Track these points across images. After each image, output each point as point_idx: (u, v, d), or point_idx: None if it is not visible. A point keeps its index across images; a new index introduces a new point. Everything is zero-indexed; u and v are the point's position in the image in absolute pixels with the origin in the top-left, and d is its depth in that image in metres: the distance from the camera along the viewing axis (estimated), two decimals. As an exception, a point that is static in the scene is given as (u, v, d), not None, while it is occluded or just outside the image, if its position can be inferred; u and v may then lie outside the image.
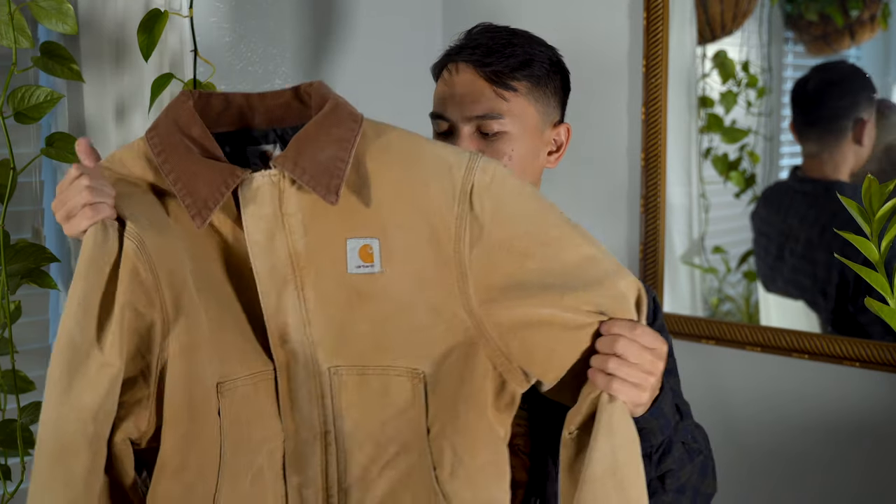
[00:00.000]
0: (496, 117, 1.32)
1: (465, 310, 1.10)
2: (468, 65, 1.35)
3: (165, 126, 1.10)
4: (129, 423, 1.06)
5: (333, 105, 1.11)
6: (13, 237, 1.52)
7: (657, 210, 1.99)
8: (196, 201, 1.06)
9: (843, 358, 1.76)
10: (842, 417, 1.79)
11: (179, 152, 1.08)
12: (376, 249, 1.11)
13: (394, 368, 1.12)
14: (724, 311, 2.00)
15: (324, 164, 1.07)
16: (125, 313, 1.02)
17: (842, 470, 1.80)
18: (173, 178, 1.07)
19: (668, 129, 1.98)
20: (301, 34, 2.03)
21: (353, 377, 1.12)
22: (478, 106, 1.33)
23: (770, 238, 1.92)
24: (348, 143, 1.09)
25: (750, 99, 1.94)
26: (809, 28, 1.85)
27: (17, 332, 1.53)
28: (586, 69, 2.09)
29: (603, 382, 1.08)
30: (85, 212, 1.04)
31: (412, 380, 1.11)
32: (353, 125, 1.10)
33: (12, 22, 1.40)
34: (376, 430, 1.13)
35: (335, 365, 1.11)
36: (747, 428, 1.94)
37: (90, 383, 1.01)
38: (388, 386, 1.12)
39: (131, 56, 1.60)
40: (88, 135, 1.58)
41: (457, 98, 1.34)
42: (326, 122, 1.09)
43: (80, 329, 1.01)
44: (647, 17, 1.97)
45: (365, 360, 1.12)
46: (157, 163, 1.08)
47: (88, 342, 1.01)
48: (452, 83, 1.36)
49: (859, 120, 1.78)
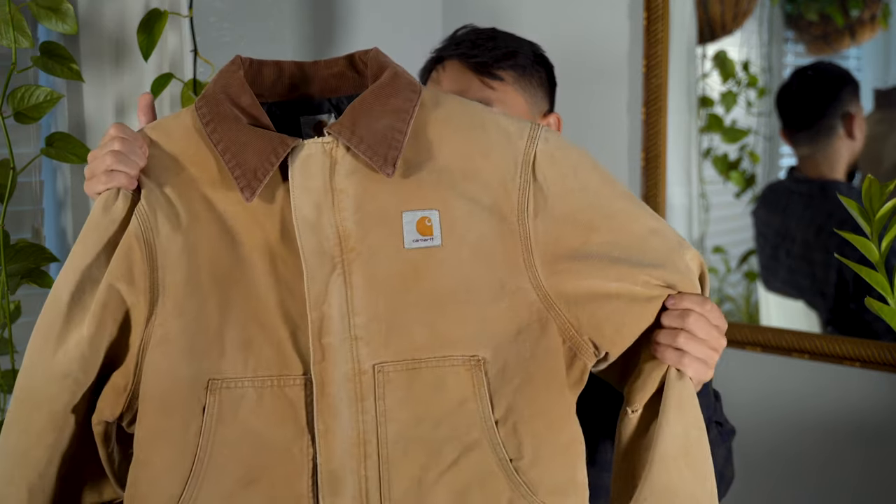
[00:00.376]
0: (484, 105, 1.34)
1: (531, 283, 1.05)
2: (454, 59, 1.38)
3: (214, 95, 1.05)
4: (104, 405, 1.04)
5: (392, 74, 1.07)
6: (13, 237, 1.52)
7: (657, 210, 1.99)
8: (245, 172, 1.01)
9: (843, 358, 1.76)
10: (842, 417, 1.79)
11: (228, 122, 1.03)
12: (436, 221, 1.05)
13: (450, 358, 1.03)
14: (724, 311, 2.00)
15: (381, 134, 1.02)
16: (109, 290, 1.01)
17: (841, 470, 1.80)
18: (222, 148, 1.02)
19: (668, 129, 1.98)
20: (301, 34, 2.03)
21: (403, 373, 1.03)
22: (466, 96, 1.34)
23: (768, 238, 1.92)
24: (407, 113, 1.04)
25: (750, 99, 1.94)
26: (809, 28, 1.85)
27: (17, 332, 1.53)
28: (586, 69, 2.09)
29: (673, 358, 1.05)
30: (100, 177, 1.02)
31: (472, 369, 1.03)
32: (413, 95, 1.06)
33: (12, 22, 1.40)
34: (428, 433, 1.03)
35: (381, 361, 1.02)
36: (747, 428, 1.93)
37: (62, 346, 1.01)
38: (443, 379, 1.03)
39: (131, 56, 1.60)
40: (88, 135, 1.58)
41: None
42: (384, 92, 1.05)
43: (66, 290, 1.01)
44: (647, 17, 1.97)
45: (417, 352, 1.03)
46: (206, 132, 1.04)
47: (68, 306, 1.01)
48: (440, 80, 1.38)
49: (847, 114, 1.78)
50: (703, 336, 1.06)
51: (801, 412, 1.84)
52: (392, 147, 1.02)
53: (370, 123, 1.02)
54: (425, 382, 1.03)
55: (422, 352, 1.03)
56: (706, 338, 1.06)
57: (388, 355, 1.02)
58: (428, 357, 1.03)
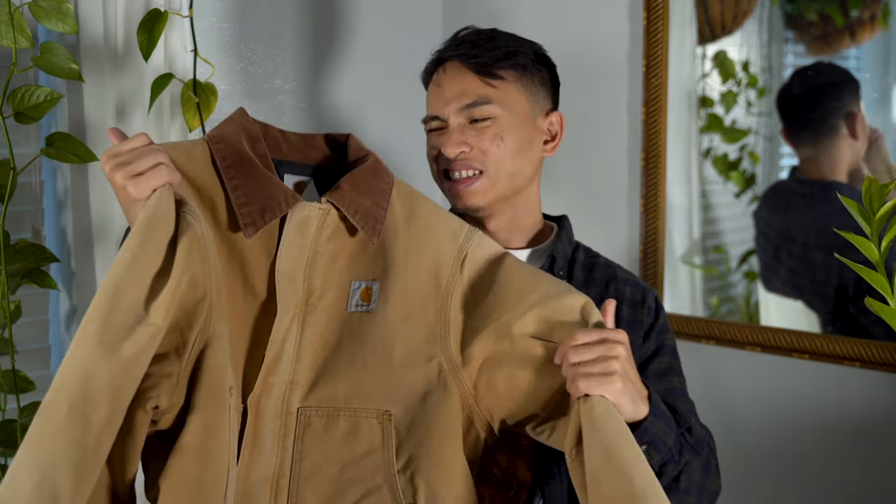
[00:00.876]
0: (484, 103, 1.36)
1: (444, 354, 1.20)
2: (454, 60, 1.39)
3: (233, 137, 1.18)
4: (153, 394, 1.06)
5: (374, 160, 1.25)
6: (13, 237, 1.52)
7: (657, 210, 1.99)
8: (252, 211, 1.13)
9: (843, 358, 1.76)
10: (842, 417, 1.79)
11: (245, 163, 1.16)
12: (376, 291, 1.21)
13: (365, 410, 1.17)
14: (724, 311, 2.00)
15: (368, 208, 1.19)
16: (183, 281, 1.04)
17: (841, 470, 1.80)
18: (234, 185, 1.14)
19: (668, 129, 1.98)
20: (301, 34, 2.03)
21: (322, 419, 1.16)
22: (466, 96, 1.36)
23: (769, 238, 1.92)
24: (386, 194, 1.23)
25: (750, 99, 1.94)
26: (809, 28, 1.85)
27: (17, 332, 1.53)
28: (586, 69, 2.09)
29: (572, 388, 1.12)
30: (160, 170, 1.08)
31: (382, 422, 1.17)
32: (390, 179, 1.25)
33: (12, 22, 1.40)
34: (335, 474, 1.15)
35: (306, 406, 1.16)
36: (747, 428, 1.93)
37: (129, 336, 0.99)
38: (357, 427, 1.16)
39: (131, 56, 1.60)
40: (88, 135, 1.58)
41: (446, 94, 1.38)
42: (369, 174, 1.23)
43: (129, 280, 1.01)
44: (647, 17, 1.97)
45: (338, 401, 1.17)
46: (221, 167, 1.15)
47: (135, 295, 1.01)
48: (441, 82, 1.39)
49: (850, 114, 1.78)
50: (588, 357, 1.11)
51: (801, 412, 1.84)
52: (378, 220, 1.20)
53: (360, 199, 1.19)
54: (341, 429, 1.16)
55: (342, 402, 1.17)
56: (591, 356, 1.11)
57: (312, 401, 1.16)
58: (346, 407, 1.17)
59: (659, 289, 2.01)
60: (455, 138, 1.36)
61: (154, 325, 1.01)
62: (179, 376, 1.08)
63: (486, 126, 1.36)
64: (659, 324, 1.41)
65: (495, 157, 1.36)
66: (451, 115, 1.37)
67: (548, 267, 1.40)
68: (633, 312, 1.40)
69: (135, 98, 1.61)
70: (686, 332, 1.98)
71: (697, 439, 1.30)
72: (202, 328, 1.08)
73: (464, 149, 1.36)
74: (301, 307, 1.16)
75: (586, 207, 2.10)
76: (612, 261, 1.47)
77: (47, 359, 1.67)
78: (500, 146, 1.36)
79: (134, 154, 1.08)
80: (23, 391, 1.52)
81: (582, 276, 1.41)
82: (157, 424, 1.09)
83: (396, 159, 2.24)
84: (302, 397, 1.16)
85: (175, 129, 1.67)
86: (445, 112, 1.37)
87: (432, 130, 1.41)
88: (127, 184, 1.07)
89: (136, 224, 1.04)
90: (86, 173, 1.59)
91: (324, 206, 1.18)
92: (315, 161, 1.28)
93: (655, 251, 2.00)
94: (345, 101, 2.11)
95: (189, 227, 1.06)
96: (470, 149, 1.36)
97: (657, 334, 1.41)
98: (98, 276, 1.61)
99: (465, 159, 1.37)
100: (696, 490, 1.29)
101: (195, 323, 1.08)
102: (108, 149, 1.11)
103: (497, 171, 1.37)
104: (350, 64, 2.11)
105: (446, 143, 1.37)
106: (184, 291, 1.05)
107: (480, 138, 1.36)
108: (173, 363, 1.07)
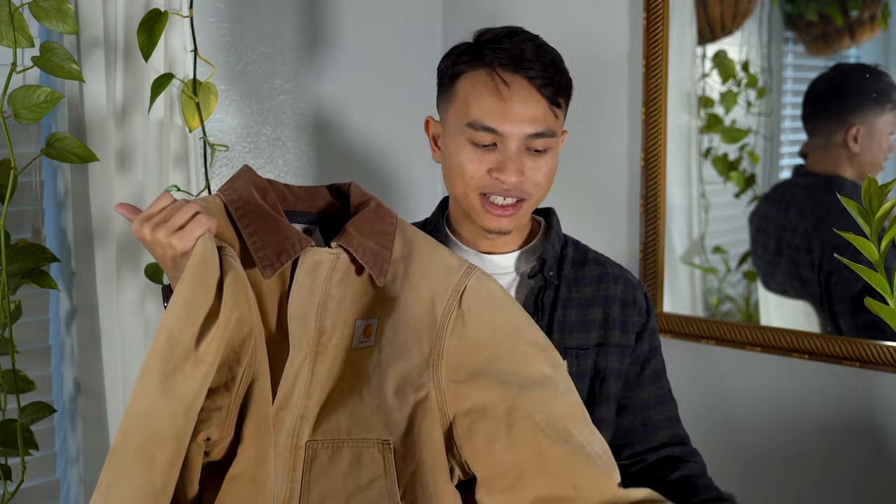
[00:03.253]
0: (551, 136, 1.34)
1: (434, 384, 1.24)
2: (523, 80, 1.31)
3: (244, 189, 1.25)
4: (206, 427, 1.12)
5: (377, 203, 1.30)
6: (13, 237, 1.52)
7: (657, 210, 1.99)
8: (269, 254, 1.19)
9: (843, 358, 1.76)
10: (842, 417, 1.79)
11: (258, 210, 1.22)
12: (375, 327, 1.25)
13: (366, 440, 1.22)
14: (724, 311, 2.00)
15: (375, 250, 1.25)
16: (232, 319, 1.10)
17: (841, 470, 1.80)
18: (250, 231, 1.21)
19: (668, 129, 1.98)
20: (301, 34, 2.03)
21: (328, 450, 1.21)
22: (537, 124, 1.32)
23: (769, 234, 1.92)
24: (390, 235, 1.28)
25: (750, 99, 1.94)
26: (809, 28, 1.85)
27: (17, 332, 1.53)
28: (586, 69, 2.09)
29: None
30: (200, 218, 1.12)
31: (383, 450, 1.22)
32: (392, 220, 1.30)
33: (12, 22, 1.40)
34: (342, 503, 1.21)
35: (313, 439, 1.21)
36: (747, 428, 1.94)
37: (186, 377, 1.07)
38: (360, 457, 1.21)
39: (131, 56, 1.60)
40: (88, 135, 1.58)
41: (514, 113, 1.31)
42: (372, 217, 1.28)
43: (181, 326, 1.07)
44: (647, 17, 1.97)
45: (341, 433, 1.22)
46: (236, 216, 1.22)
47: (188, 337, 1.08)
48: (510, 98, 1.31)
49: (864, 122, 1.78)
50: None
51: (801, 412, 1.84)
52: (385, 261, 1.26)
53: (366, 241, 1.25)
54: (345, 459, 1.21)
55: (345, 433, 1.22)
56: None
57: (319, 434, 1.22)
58: (349, 438, 1.22)
59: (659, 289, 2.01)
60: (517, 165, 1.31)
61: (206, 363, 1.08)
62: (230, 409, 1.14)
63: (544, 157, 1.34)
64: (651, 324, 1.42)
65: (543, 189, 1.36)
66: (514, 138, 1.31)
67: (538, 270, 1.39)
68: (625, 313, 1.40)
69: (135, 98, 1.61)
70: (686, 332, 1.98)
71: None
72: (249, 363, 1.14)
73: (522, 178, 1.32)
74: (313, 346, 1.22)
75: (586, 207, 2.10)
76: (602, 255, 1.46)
77: (47, 359, 1.67)
78: (550, 180, 1.36)
79: (168, 211, 1.12)
80: (23, 391, 1.52)
81: (571, 275, 1.41)
82: (209, 455, 1.15)
83: (397, 159, 2.24)
84: (310, 431, 1.21)
85: (175, 129, 1.67)
86: (510, 132, 1.31)
87: (481, 144, 1.33)
88: (171, 239, 1.10)
89: (186, 270, 1.09)
90: (86, 173, 1.59)
91: (335, 251, 1.23)
92: (320, 210, 1.33)
93: (655, 251, 2.00)
94: (345, 102, 2.11)
95: (231, 268, 1.12)
96: (525, 179, 1.33)
97: (650, 335, 1.41)
98: (98, 276, 1.61)
99: (517, 187, 1.33)
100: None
101: (243, 358, 1.13)
102: (137, 217, 1.13)
103: (536, 202, 1.37)
104: (350, 64, 2.11)
105: (506, 168, 1.31)
106: (232, 329, 1.10)
107: (537, 170, 1.33)
108: (223, 397, 1.13)
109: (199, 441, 1.12)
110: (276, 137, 2.00)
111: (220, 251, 1.13)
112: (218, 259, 1.12)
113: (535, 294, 1.38)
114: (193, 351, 1.07)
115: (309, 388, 1.21)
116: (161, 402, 1.06)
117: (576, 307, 1.39)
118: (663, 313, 2.01)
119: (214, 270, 1.11)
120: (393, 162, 2.20)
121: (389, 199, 2.19)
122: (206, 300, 1.09)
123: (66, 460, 1.69)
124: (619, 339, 1.38)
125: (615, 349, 1.38)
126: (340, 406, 1.22)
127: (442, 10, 2.28)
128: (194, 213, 1.12)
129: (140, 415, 1.07)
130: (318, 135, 2.08)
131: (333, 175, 2.10)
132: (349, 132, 2.13)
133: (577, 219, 1.75)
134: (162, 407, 1.06)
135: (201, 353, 1.07)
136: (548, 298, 1.38)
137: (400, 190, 2.21)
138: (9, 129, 1.45)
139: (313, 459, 1.21)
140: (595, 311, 1.39)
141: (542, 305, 1.38)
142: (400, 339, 1.25)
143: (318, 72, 2.06)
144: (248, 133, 1.96)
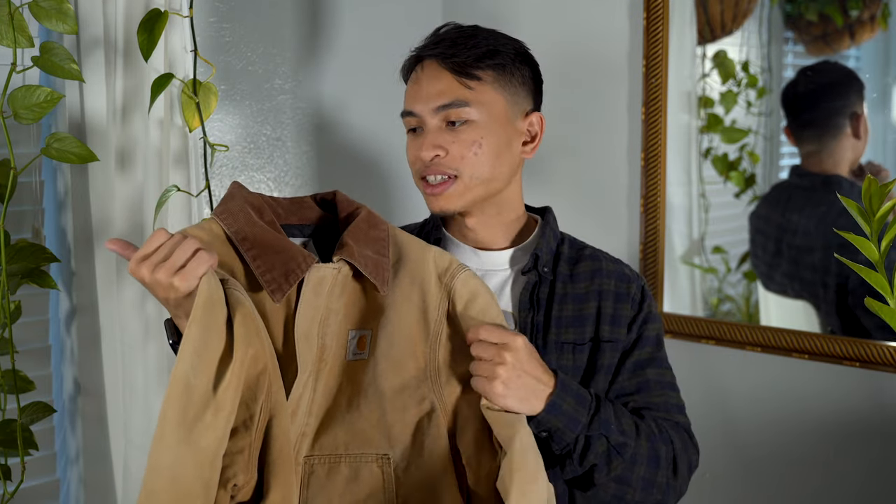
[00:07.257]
0: (461, 105, 1.34)
1: (434, 394, 1.24)
2: (433, 59, 1.37)
3: (239, 210, 1.21)
4: (230, 473, 1.09)
5: (367, 212, 1.28)
6: (13, 237, 1.52)
7: (657, 210, 1.99)
8: (276, 276, 1.15)
9: (843, 358, 1.76)
10: (842, 417, 1.79)
11: (258, 232, 1.18)
12: (369, 338, 1.24)
13: (364, 455, 1.21)
14: (724, 311, 2.00)
15: (374, 259, 1.23)
16: (247, 358, 1.06)
17: (841, 470, 1.80)
18: (252, 255, 1.17)
19: (668, 129, 1.98)
20: (301, 34, 2.03)
21: (325, 466, 1.20)
22: (443, 96, 1.35)
23: (768, 235, 1.92)
24: (385, 241, 1.26)
25: (750, 99, 1.94)
26: (809, 28, 1.85)
27: (17, 332, 1.53)
28: (586, 69, 2.09)
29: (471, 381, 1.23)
30: (201, 255, 1.07)
31: (382, 465, 1.21)
32: (384, 226, 1.28)
33: (12, 22, 1.40)
34: None
35: (310, 454, 1.20)
36: (747, 428, 1.93)
37: (207, 427, 1.03)
38: (357, 472, 1.20)
39: (131, 56, 1.60)
40: (88, 135, 1.58)
41: (423, 93, 1.36)
42: (365, 226, 1.26)
43: (196, 373, 1.03)
44: (647, 17, 1.97)
45: (338, 448, 1.21)
46: (236, 240, 1.17)
47: (204, 384, 1.03)
48: (419, 80, 1.38)
49: (855, 115, 1.78)
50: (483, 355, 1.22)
51: (801, 412, 1.84)
52: (385, 269, 1.24)
53: (364, 251, 1.23)
54: (342, 475, 1.20)
55: (342, 448, 1.21)
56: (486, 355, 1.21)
57: (316, 450, 1.20)
58: (346, 453, 1.21)
59: (659, 289, 2.01)
60: (430, 140, 1.34)
61: (226, 410, 1.04)
62: (251, 449, 1.10)
63: (464, 130, 1.34)
64: (642, 315, 1.40)
65: (471, 163, 1.34)
66: (428, 114, 1.35)
67: (531, 265, 1.39)
68: (616, 307, 1.39)
69: (135, 98, 1.61)
70: (686, 331, 1.98)
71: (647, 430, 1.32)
72: (265, 399, 1.11)
73: (439, 152, 1.34)
74: (316, 364, 1.20)
75: (586, 207, 2.10)
76: (600, 250, 1.46)
77: (47, 359, 1.67)
78: (478, 152, 1.34)
79: (167, 250, 1.07)
80: (23, 391, 1.52)
81: (567, 271, 1.41)
82: (235, 499, 1.12)
83: (397, 159, 2.24)
84: (309, 447, 1.20)
85: (175, 129, 1.67)
86: (422, 110, 1.36)
87: (411, 131, 1.39)
88: (173, 280, 1.06)
89: (193, 313, 1.04)
90: (86, 173, 1.59)
91: (337, 265, 1.21)
92: (311, 221, 1.31)
93: (655, 251, 2.00)
94: (345, 102, 2.11)
95: (239, 303, 1.08)
96: (445, 153, 1.34)
97: (639, 326, 1.39)
98: (98, 275, 1.61)
99: (439, 164, 1.35)
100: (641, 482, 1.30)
101: (259, 395, 1.10)
102: (133, 256, 1.08)
103: (472, 178, 1.35)
104: (350, 64, 2.11)
105: (422, 146, 1.35)
106: (248, 367, 1.07)
107: (457, 143, 1.34)
108: (243, 437, 1.10)
109: (228, 488, 1.09)
110: (276, 137, 2.00)
111: (223, 284, 1.09)
112: (224, 296, 1.07)
113: (530, 290, 1.38)
114: (212, 397, 1.03)
115: (311, 407, 1.20)
116: (185, 456, 1.02)
117: (571, 302, 1.39)
118: (663, 313, 2.01)
119: (222, 309, 1.06)
120: (393, 162, 2.20)
121: (389, 199, 2.19)
122: (218, 343, 1.05)
123: (65, 460, 1.69)
124: (611, 334, 1.38)
125: (607, 344, 1.37)
126: (338, 420, 1.21)
127: (442, 10, 2.28)
128: (195, 251, 1.07)
129: (165, 472, 1.02)
130: (318, 135, 2.08)
131: (333, 175, 2.10)
132: (349, 132, 2.13)
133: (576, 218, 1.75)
134: (187, 461, 1.02)
135: (220, 399, 1.03)
136: (543, 294, 1.38)
137: (400, 190, 2.21)
138: (9, 129, 1.45)
139: (311, 475, 1.19)
140: (590, 305, 1.39)
141: (538, 301, 1.38)
142: (396, 352, 1.24)
143: (318, 72, 2.06)
144: (248, 133, 1.96)
